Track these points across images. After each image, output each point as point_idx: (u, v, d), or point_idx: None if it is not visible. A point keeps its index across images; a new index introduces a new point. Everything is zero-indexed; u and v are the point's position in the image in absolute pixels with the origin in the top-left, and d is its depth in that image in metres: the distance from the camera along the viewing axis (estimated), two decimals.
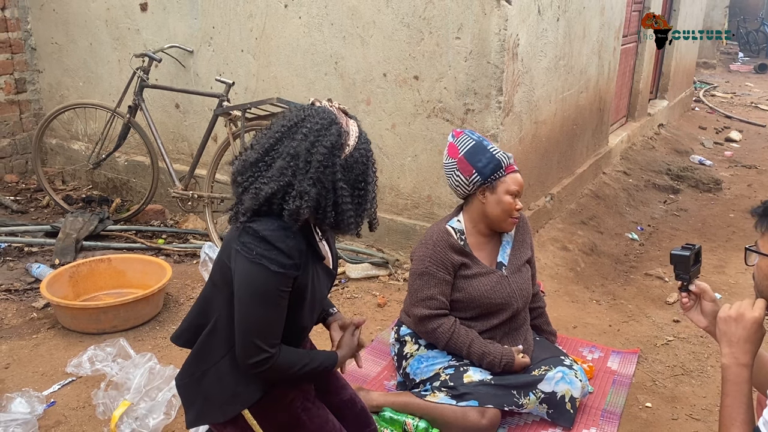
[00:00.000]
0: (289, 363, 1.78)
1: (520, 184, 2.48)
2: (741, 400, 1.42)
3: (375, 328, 3.22)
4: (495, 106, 3.47)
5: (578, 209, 4.84)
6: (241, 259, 1.69)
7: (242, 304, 1.70)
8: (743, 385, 1.43)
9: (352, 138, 1.72)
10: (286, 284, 1.71)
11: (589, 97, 5.01)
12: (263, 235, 1.67)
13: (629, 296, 3.75)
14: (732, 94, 11.02)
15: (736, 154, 7.26)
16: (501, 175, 2.46)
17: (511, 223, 2.52)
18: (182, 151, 4.68)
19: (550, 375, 2.45)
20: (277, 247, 1.67)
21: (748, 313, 1.47)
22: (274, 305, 1.70)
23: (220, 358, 1.81)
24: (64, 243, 3.92)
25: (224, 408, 1.81)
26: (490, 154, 2.46)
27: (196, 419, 1.86)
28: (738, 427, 1.40)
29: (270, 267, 1.66)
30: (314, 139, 1.66)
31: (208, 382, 1.82)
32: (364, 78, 3.77)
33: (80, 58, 5.01)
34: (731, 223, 5.11)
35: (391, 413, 2.43)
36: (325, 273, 1.91)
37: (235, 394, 1.80)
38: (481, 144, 2.48)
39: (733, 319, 1.48)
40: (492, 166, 2.45)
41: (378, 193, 3.92)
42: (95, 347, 2.77)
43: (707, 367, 2.97)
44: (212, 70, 4.33)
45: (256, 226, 1.69)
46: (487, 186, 2.47)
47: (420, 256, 2.54)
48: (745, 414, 1.41)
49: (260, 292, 1.68)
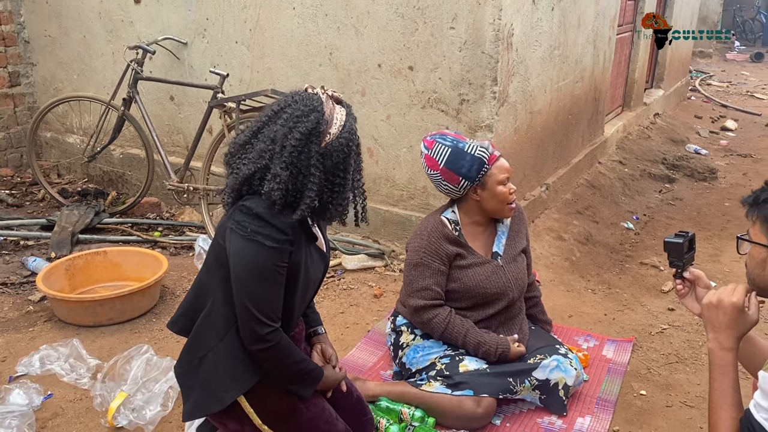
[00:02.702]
0: (290, 349, 1.80)
1: (507, 170, 2.49)
2: (728, 384, 1.45)
3: (371, 318, 3.23)
4: (490, 96, 3.47)
5: (574, 199, 4.85)
6: (236, 237, 1.72)
7: (240, 281, 1.72)
8: (728, 368, 1.46)
9: (334, 126, 1.74)
10: (281, 259, 1.73)
11: (584, 87, 5.01)
12: (256, 212, 1.71)
13: (624, 285, 3.77)
14: (728, 83, 11.03)
15: (731, 143, 7.27)
16: (487, 170, 2.46)
17: (509, 210, 2.54)
18: (177, 143, 4.67)
19: (545, 363, 2.47)
20: (271, 223, 1.70)
21: (727, 299, 1.51)
22: (271, 281, 1.73)
23: (217, 342, 1.82)
24: (59, 236, 3.91)
25: (222, 395, 1.82)
26: (470, 156, 2.43)
27: (192, 411, 1.87)
28: (726, 410, 1.42)
29: (265, 243, 1.69)
30: (292, 125, 1.71)
31: (206, 368, 1.83)
32: (359, 69, 3.76)
33: (74, 50, 4.98)
34: (726, 212, 5.12)
35: (388, 402, 2.45)
36: (319, 255, 1.92)
37: (232, 378, 1.81)
38: (457, 148, 2.45)
39: (714, 305, 1.52)
40: (476, 167, 2.44)
41: (373, 184, 3.95)
42: (47, 347, 2.75)
43: (701, 354, 2.98)
44: (206, 61, 4.32)
45: (249, 204, 1.73)
46: (477, 185, 2.48)
47: (415, 247, 2.55)
48: (733, 397, 1.43)
49: (257, 268, 1.71)
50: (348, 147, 1.76)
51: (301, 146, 1.70)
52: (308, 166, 1.71)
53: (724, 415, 1.43)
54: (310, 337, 2.15)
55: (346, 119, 1.78)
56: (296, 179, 1.72)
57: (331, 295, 3.45)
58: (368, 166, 3.91)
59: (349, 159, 1.77)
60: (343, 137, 1.75)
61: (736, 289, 1.51)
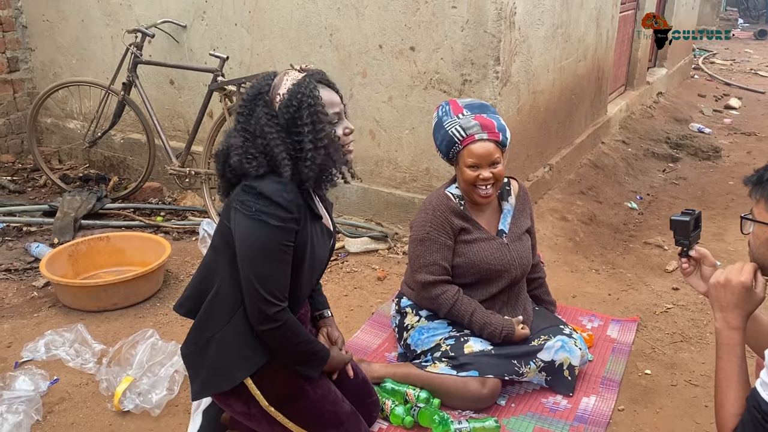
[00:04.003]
0: (297, 329, 1.80)
1: (478, 155, 2.41)
2: (735, 362, 1.44)
3: (375, 301, 3.22)
4: (492, 76, 3.44)
5: (577, 179, 4.83)
6: (241, 216, 1.72)
7: (246, 261, 1.72)
8: (736, 347, 1.46)
9: (283, 88, 1.77)
10: (287, 238, 1.73)
11: (587, 66, 4.97)
12: (260, 191, 1.71)
13: (628, 265, 3.76)
14: (731, 61, 10.93)
15: (735, 122, 7.22)
16: (459, 149, 2.45)
17: (477, 195, 2.47)
18: (178, 127, 4.65)
19: (550, 344, 2.47)
20: (276, 201, 1.70)
21: (735, 278, 1.49)
22: (277, 260, 1.73)
23: (224, 324, 1.82)
24: (62, 222, 3.91)
25: (230, 375, 1.83)
26: (444, 130, 2.45)
27: (201, 389, 1.88)
28: (734, 388, 1.42)
29: (270, 222, 1.70)
30: (243, 98, 1.82)
31: (213, 350, 1.84)
32: (360, 50, 3.73)
33: (72, 35, 4.94)
34: (730, 191, 5.10)
35: (393, 384, 2.45)
36: (325, 233, 1.92)
37: (241, 358, 1.82)
38: (440, 119, 2.48)
39: (721, 285, 1.51)
40: (446, 143, 2.46)
41: (375, 166, 3.93)
42: (52, 332, 2.76)
43: (706, 333, 2.98)
44: (206, 44, 4.28)
45: (253, 183, 1.74)
46: (452, 159, 2.50)
47: (420, 222, 2.53)
48: (740, 375, 1.43)
49: (263, 247, 1.71)
50: (297, 101, 1.75)
51: (247, 111, 1.78)
52: (262, 127, 1.75)
53: (730, 393, 1.42)
54: (317, 320, 2.16)
55: (300, 80, 1.78)
56: (256, 143, 1.75)
57: (335, 278, 3.45)
58: (370, 149, 3.89)
59: (300, 113, 1.75)
60: (290, 94, 1.76)
61: (744, 268, 1.50)
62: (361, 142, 3.89)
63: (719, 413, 1.44)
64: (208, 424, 2.16)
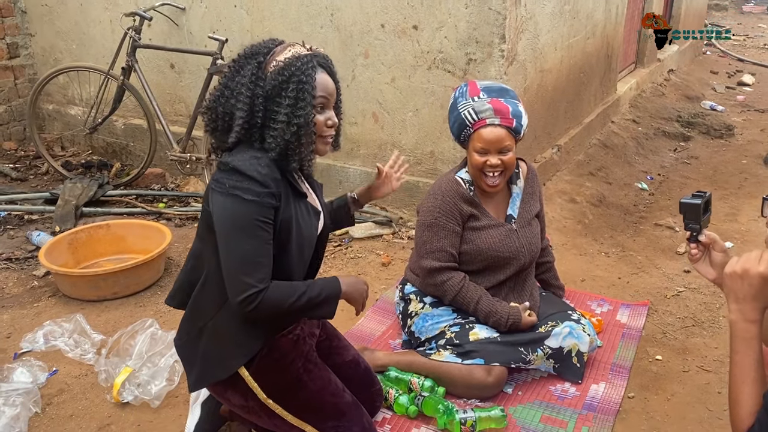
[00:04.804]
0: (280, 296, 1.72)
1: (487, 140, 2.33)
2: (751, 357, 1.35)
3: (379, 287, 3.17)
4: (498, 54, 3.34)
5: (586, 160, 4.73)
6: (216, 195, 1.67)
7: (222, 239, 1.67)
8: (752, 341, 1.35)
9: (282, 55, 1.71)
10: (263, 214, 1.67)
11: (596, 44, 4.84)
12: (234, 166, 1.66)
13: (639, 247, 3.67)
14: (744, 36, 10.72)
15: (748, 98, 7.07)
16: (470, 133, 2.38)
17: (485, 182, 2.40)
18: (180, 112, 4.58)
19: (557, 330, 2.41)
20: (250, 176, 1.64)
21: (753, 269, 1.36)
22: (253, 236, 1.66)
23: (215, 312, 1.78)
24: (63, 210, 3.87)
25: (225, 364, 1.79)
26: (457, 112, 2.38)
27: (198, 381, 1.84)
28: (750, 384, 1.33)
29: (244, 197, 1.64)
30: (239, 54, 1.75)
31: (206, 339, 1.80)
32: (362, 30, 3.63)
33: (71, 19, 4.87)
34: (744, 170, 4.99)
35: (397, 372, 2.40)
36: (311, 212, 1.85)
37: (235, 346, 1.78)
38: (455, 102, 2.42)
39: (738, 275, 1.38)
40: (458, 125, 2.40)
41: (379, 150, 3.85)
42: (51, 322, 2.72)
43: (719, 317, 2.91)
44: (206, 27, 4.20)
45: (226, 159, 1.69)
46: (464, 143, 2.43)
47: (428, 207, 2.46)
48: (756, 371, 1.34)
49: (238, 224, 1.65)
50: (289, 72, 1.68)
51: (236, 67, 1.72)
52: (241, 87, 1.69)
53: (746, 390, 1.33)
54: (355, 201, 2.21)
55: (301, 55, 1.71)
56: (228, 103, 1.71)
57: (339, 264, 3.39)
58: (373, 132, 3.81)
59: (287, 85, 1.68)
60: (285, 64, 1.69)
61: (763, 257, 1.37)
62: (364, 125, 3.81)
63: (734, 411, 1.35)
64: (206, 416, 2.12)
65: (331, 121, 1.79)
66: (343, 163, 3.95)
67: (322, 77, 1.74)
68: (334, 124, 1.81)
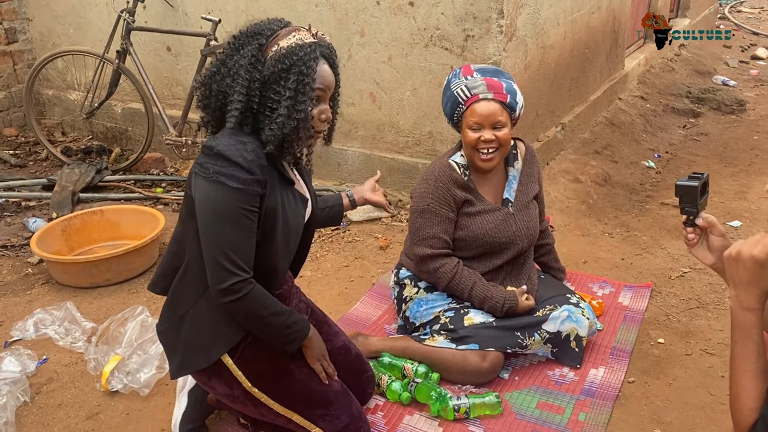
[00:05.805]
0: (265, 303, 1.68)
1: (480, 114, 2.26)
2: (750, 348, 1.25)
3: (377, 271, 3.11)
4: (496, 30, 3.24)
5: (591, 138, 4.62)
6: (200, 180, 1.60)
7: (205, 226, 1.61)
8: (751, 330, 1.26)
9: (285, 41, 1.62)
10: (248, 202, 1.60)
11: (601, 18, 4.71)
12: (218, 150, 1.58)
13: (644, 227, 3.58)
14: (760, 9, 10.44)
15: (762, 73, 6.89)
16: (462, 110, 2.31)
17: (480, 159, 2.32)
18: (177, 95, 4.52)
19: (555, 314, 2.34)
20: (235, 162, 1.57)
21: (746, 252, 1.26)
22: (238, 225, 1.60)
23: (197, 299, 1.73)
24: (60, 196, 3.83)
25: (207, 352, 1.75)
26: (450, 91, 2.32)
27: (179, 368, 1.80)
28: (751, 378, 1.23)
29: (229, 184, 1.57)
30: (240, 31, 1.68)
31: (188, 327, 1.75)
32: (357, 7, 3.54)
33: (68, 3, 4.81)
34: (755, 146, 4.86)
35: (390, 358, 2.35)
36: (299, 200, 1.79)
37: (216, 334, 1.73)
38: (448, 83, 2.36)
39: (733, 258, 1.28)
40: (450, 104, 2.34)
41: (377, 131, 3.77)
42: (41, 310, 2.69)
43: (724, 298, 2.82)
44: (201, 8, 4.11)
45: (211, 143, 1.61)
46: (457, 124, 2.36)
47: (421, 192, 2.40)
48: (757, 363, 1.24)
49: (221, 211, 1.58)
50: (291, 61, 1.60)
51: (236, 45, 1.65)
52: (238, 67, 1.61)
53: (747, 384, 1.24)
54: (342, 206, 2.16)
55: (305, 43, 1.62)
56: (224, 82, 1.63)
57: (336, 248, 3.34)
58: (371, 112, 3.73)
59: (288, 74, 1.60)
60: (288, 50, 1.60)
61: (762, 241, 1.26)
62: (362, 105, 3.73)
63: (735, 406, 1.26)
64: (194, 405, 2.08)
65: (325, 115, 1.72)
66: (341, 145, 3.88)
67: (323, 69, 1.67)
68: (327, 119, 1.73)
